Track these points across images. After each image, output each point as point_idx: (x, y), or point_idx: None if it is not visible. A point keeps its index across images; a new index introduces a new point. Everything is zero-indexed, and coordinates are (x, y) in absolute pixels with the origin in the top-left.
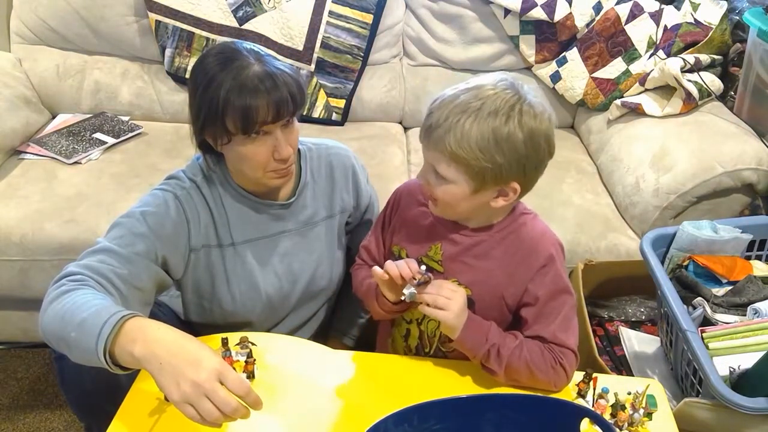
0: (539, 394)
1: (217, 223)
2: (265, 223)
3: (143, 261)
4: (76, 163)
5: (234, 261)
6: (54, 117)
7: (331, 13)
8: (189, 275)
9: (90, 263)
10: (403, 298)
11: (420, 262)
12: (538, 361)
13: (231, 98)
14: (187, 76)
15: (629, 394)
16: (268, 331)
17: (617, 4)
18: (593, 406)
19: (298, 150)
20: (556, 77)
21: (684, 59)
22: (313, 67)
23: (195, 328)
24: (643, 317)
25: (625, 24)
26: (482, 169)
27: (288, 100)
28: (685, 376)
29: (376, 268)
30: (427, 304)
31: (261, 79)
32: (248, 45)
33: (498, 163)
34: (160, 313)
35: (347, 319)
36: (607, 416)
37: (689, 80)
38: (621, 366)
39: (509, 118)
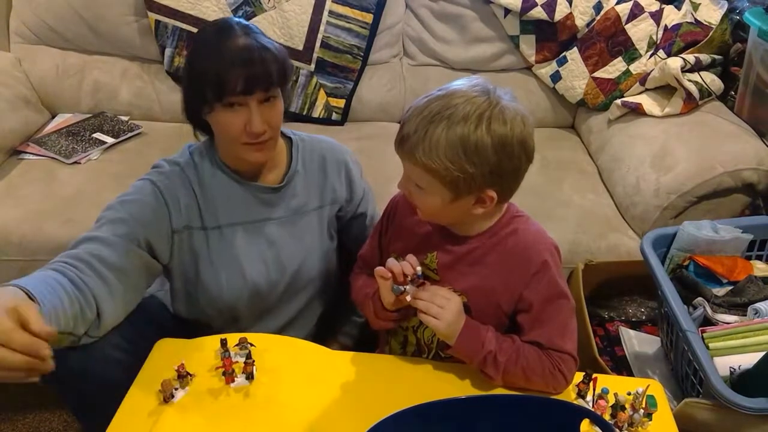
0: (539, 395)
1: (202, 205)
2: (252, 207)
3: (124, 243)
4: (75, 163)
5: (219, 244)
6: (53, 117)
7: (331, 12)
8: (175, 259)
9: (69, 252)
10: (393, 291)
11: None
12: (536, 367)
13: (208, 67)
14: None
15: (629, 394)
16: (257, 324)
17: (617, 3)
18: (593, 406)
19: (290, 139)
20: (556, 77)
21: (684, 59)
22: (313, 66)
23: (186, 323)
24: (644, 317)
25: (626, 24)
26: (455, 179)
27: (260, 76)
28: (685, 377)
29: (379, 267)
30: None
31: (239, 51)
32: (243, 22)
33: (469, 173)
34: (152, 306)
35: (346, 319)
36: (607, 417)
37: (690, 80)
38: (621, 366)
39: (477, 126)
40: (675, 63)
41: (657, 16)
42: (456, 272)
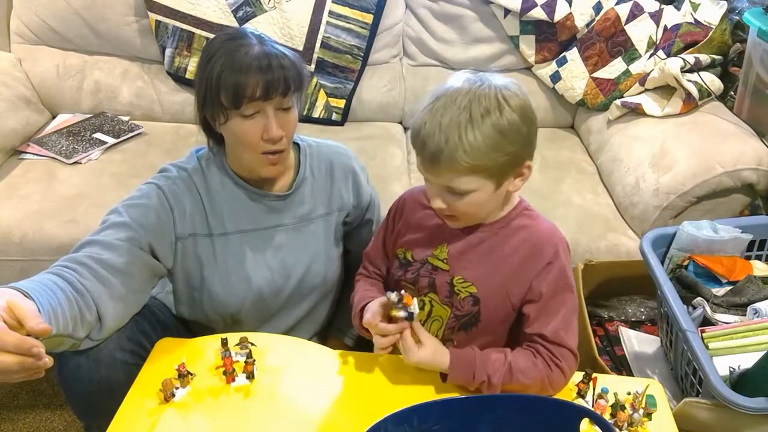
0: (539, 395)
1: (208, 212)
2: (260, 215)
3: (127, 246)
4: (76, 163)
5: (225, 250)
6: (54, 117)
7: (331, 13)
8: (178, 264)
9: (70, 256)
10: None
11: (400, 297)
12: (532, 375)
13: (225, 73)
14: (188, 76)
15: (629, 394)
16: (261, 329)
17: (617, 4)
18: (593, 406)
19: (298, 145)
20: (556, 77)
21: (684, 59)
22: (313, 67)
23: (189, 325)
24: (643, 317)
25: (625, 24)
26: (501, 165)
27: (279, 81)
28: (685, 376)
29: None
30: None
31: (256, 58)
32: (257, 31)
33: (512, 152)
34: (156, 307)
35: (348, 319)
36: (606, 416)
37: (689, 80)
38: (621, 366)
39: (500, 109)
40: (674, 63)
41: (656, 17)
42: (466, 261)
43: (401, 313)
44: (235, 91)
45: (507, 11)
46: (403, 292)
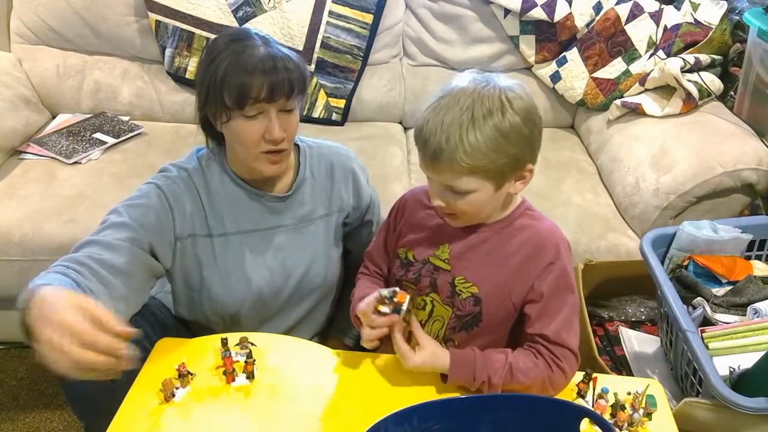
0: (539, 395)
1: (208, 213)
2: (260, 216)
3: (127, 246)
4: (76, 163)
5: (225, 251)
6: (54, 117)
7: (331, 13)
8: (177, 265)
9: (71, 255)
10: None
11: (393, 293)
12: (533, 375)
13: (229, 73)
14: (188, 76)
15: (629, 394)
16: (260, 329)
17: (617, 4)
18: (593, 406)
19: (298, 146)
20: (556, 77)
21: (684, 59)
22: (313, 67)
23: (188, 325)
24: (643, 317)
25: (625, 24)
26: (501, 166)
27: (284, 84)
28: (685, 376)
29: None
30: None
31: (261, 60)
32: (261, 32)
33: (513, 154)
34: (155, 307)
35: (348, 319)
36: (606, 416)
37: (689, 80)
38: (621, 366)
39: (503, 110)
40: (674, 63)
41: (656, 17)
42: (468, 261)
43: (385, 309)
44: (240, 92)
45: (507, 11)
46: (396, 289)
